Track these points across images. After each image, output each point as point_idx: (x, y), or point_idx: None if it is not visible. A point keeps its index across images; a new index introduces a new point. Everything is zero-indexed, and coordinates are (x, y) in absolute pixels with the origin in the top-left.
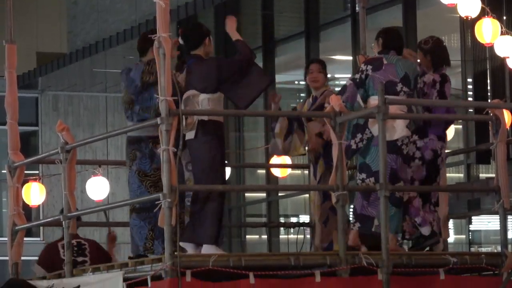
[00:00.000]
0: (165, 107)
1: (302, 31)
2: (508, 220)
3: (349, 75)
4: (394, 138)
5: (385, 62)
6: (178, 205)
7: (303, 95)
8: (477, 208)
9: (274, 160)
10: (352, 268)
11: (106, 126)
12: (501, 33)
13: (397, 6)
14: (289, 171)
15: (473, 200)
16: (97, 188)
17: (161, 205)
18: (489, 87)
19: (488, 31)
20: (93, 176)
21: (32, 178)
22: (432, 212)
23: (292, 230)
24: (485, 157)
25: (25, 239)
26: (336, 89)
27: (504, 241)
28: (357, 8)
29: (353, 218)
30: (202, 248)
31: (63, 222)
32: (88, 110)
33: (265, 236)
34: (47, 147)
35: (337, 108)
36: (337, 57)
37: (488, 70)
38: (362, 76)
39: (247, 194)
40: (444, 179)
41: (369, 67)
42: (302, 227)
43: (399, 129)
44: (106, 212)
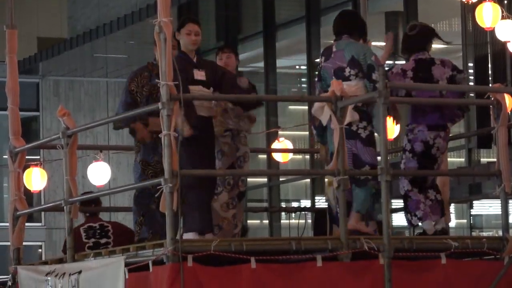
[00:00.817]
0: (166, 92)
1: (303, 15)
2: (510, 204)
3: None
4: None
5: (334, 50)
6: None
7: (304, 79)
8: (478, 193)
9: (275, 145)
10: (354, 252)
11: (107, 111)
12: (502, 17)
13: None
14: (291, 156)
15: (474, 184)
16: (99, 173)
17: (162, 190)
18: (490, 71)
19: (489, 15)
20: (94, 161)
21: (33, 163)
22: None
23: (294, 215)
24: (486, 142)
25: (26, 224)
26: None
27: (506, 225)
28: None
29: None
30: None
31: (65, 207)
32: (89, 95)
33: (266, 221)
34: (48, 132)
35: (338, 92)
36: None
37: (489, 54)
38: (319, 68)
39: (248, 179)
40: (445, 163)
41: (322, 58)
42: (304, 212)
43: (347, 115)
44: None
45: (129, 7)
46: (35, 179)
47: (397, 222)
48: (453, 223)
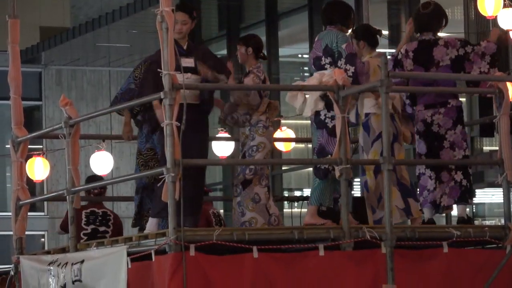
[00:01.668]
0: (168, 81)
1: (305, 4)
2: None
3: None
4: (307, 114)
5: (315, 39)
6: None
7: (306, 68)
8: (480, 181)
9: (277, 134)
10: (356, 241)
11: (109, 100)
12: (504, 6)
13: None
14: (293, 145)
15: (476, 173)
16: (101, 162)
17: (164, 179)
18: None
19: (491, 4)
20: (96, 151)
21: (36, 153)
22: (448, 182)
23: (296, 204)
24: (488, 130)
25: (29, 214)
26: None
27: (508, 214)
28: None
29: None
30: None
31: (67, 197)
32: (91, 85)
33: None
34: (50, 121)
35: (340, 81)
36: None
37: None
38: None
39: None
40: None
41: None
42: (306, 201)
43: (310, 103)
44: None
45: None
46: (38, 168)
47: None
48: (455, 212)
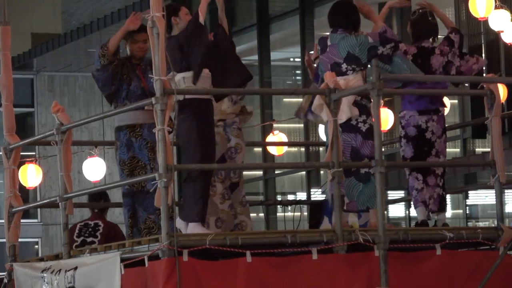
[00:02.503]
0: (159, 86)
1: (297, 7)
2: (505, 194)
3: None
4: (344, 119)
5: (329, 44)
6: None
7: (298, 72)
8: (473, 183)
9: (270, 138)
10: (349, 244)
11: (102, 106)
12: (495, 7)
13: None
14: (285, 148)
15: (469, 174)
16: (94, 168)
17: (157, 185)
18: None
19: (482, 5)
20: (89, 157)
21: (28, 159)
22: (434, 187)
23: (289, 207)
24: (481, 132)
25: (22, 220)
26: None
27: (500, 215)
28: None
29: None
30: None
31: (60, 204)
32: (83, 90)
33: (262, 214)
34: (43, 127)
35: (331, 84)
36: None
37: (482, 45)
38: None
39: (243, 172)
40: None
41: (318, 48)
42: (299, 205)
43: (344, 110)
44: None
45: (123, 2)
46: (31, 175)
47: (393, 214)
48: (449, 213)
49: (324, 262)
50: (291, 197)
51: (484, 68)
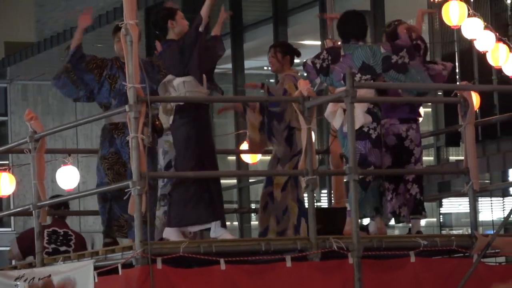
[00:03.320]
0: (133, 94)
1: (270, 16)
2: (478, 202)
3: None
4: (357, 127)
5: (342, 54)
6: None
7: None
8: (447, 191)
9: (244, 146)
10: (323, 252)
11: (75, 115)
12: (468, 15)
13: None
14: (259, 157)
15: (443, 182)
16: (67, 177)
17: (130, 193)
18: (457, 69)
19: (455, 13)
20: (63, 165)
21: (2, 168)
22: (405, 193)
23: None
24: (454, 140)
25: None
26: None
27: (474, 223)
28: None
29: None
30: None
31: (33, 212)
32: (57, 99)
33: (236, 223)
34: (17, 136)
35: (305, 92)
36: (306, 42)
37: (456, 53)
38: (323, 64)
39: None
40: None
41: (329, 57)
42: None
43: (358, 118)
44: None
45: (96, 11)
46: (4, 184)
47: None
48: (422, 221)
49: (298, 270)
50: None
51: (457, 76)
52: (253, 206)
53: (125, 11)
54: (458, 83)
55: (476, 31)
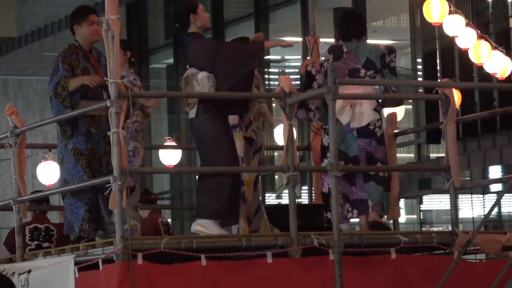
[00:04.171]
0: (114, 89)
1: (251, 12)
2: (459, 199)
3: (299, 57)
4: (363, 124)
5: (345, 50)
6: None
7: None
8: (428, 188)
9: None
10: (304, 248)
11: None
12: (450, 12)
13: None
14: None
15: (424, 179)
16: (48, 172)
17: (111, 188)
18: (438, 67)
19: (436, 10)
20: (43, 160)
21: None
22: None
23: None
24: (435, 137)
25: None
26: (287, 70)
27: (455, 220)
28: None
29: (350, 207)
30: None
31: (14, 207)
32: (38, 94)
33: None
34: None
35: (287, 88)
36: (287, 38)
37: (437, 50)
38: (325, 65)
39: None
40: (394, 159)
41: (330, 56)
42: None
43: (367, 114)
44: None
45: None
46: None
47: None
48: (403, 218)
49: (279, 266)
50: None
51: (438, 74)
52: None
53: (107, 6)
54: (439, 80)
55: (458, 28)
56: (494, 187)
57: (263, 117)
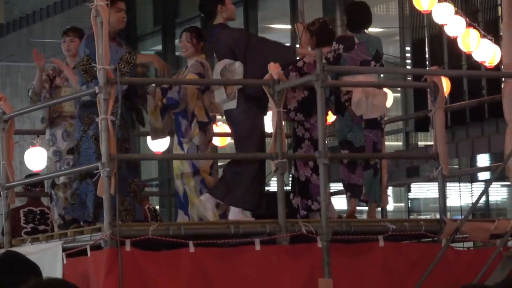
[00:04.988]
0: (103, 76)
1: (240, 0)
2: (447, 187)
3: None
4: (373, 116)
5: (356, 41)
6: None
7: None
8: (416, 176)
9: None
10: (292, 236)
11: None
12: (439, 0)
13: None
14: (229, 140)
15: (412, 167)
16: (36, 158)
17: (99, 174)
18: (427, 55)
19: None
20: (31, 146)
21: None
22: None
23: None
24: (423, 125)
25: None
26: None
27: (443, 208)
28: None
29: (344, 189)
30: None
31: (1, 192)
32: (26, 80)
33: None
34: None
35: (275, 76)
36: (276, 25)
37: (426, 38)
38: (334, 55)
39: None
40: (383, 146)
41: (340, 46)
42: None
43: (381, 108)
44: None
45: None
46: None
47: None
48: (391, 206)
49: (267, 253)
50: None
51: (427, 62)
52: None
53: None
54: (428, 68)
55: (447, 16)
56: (482, 176)
57: (213, 107)
